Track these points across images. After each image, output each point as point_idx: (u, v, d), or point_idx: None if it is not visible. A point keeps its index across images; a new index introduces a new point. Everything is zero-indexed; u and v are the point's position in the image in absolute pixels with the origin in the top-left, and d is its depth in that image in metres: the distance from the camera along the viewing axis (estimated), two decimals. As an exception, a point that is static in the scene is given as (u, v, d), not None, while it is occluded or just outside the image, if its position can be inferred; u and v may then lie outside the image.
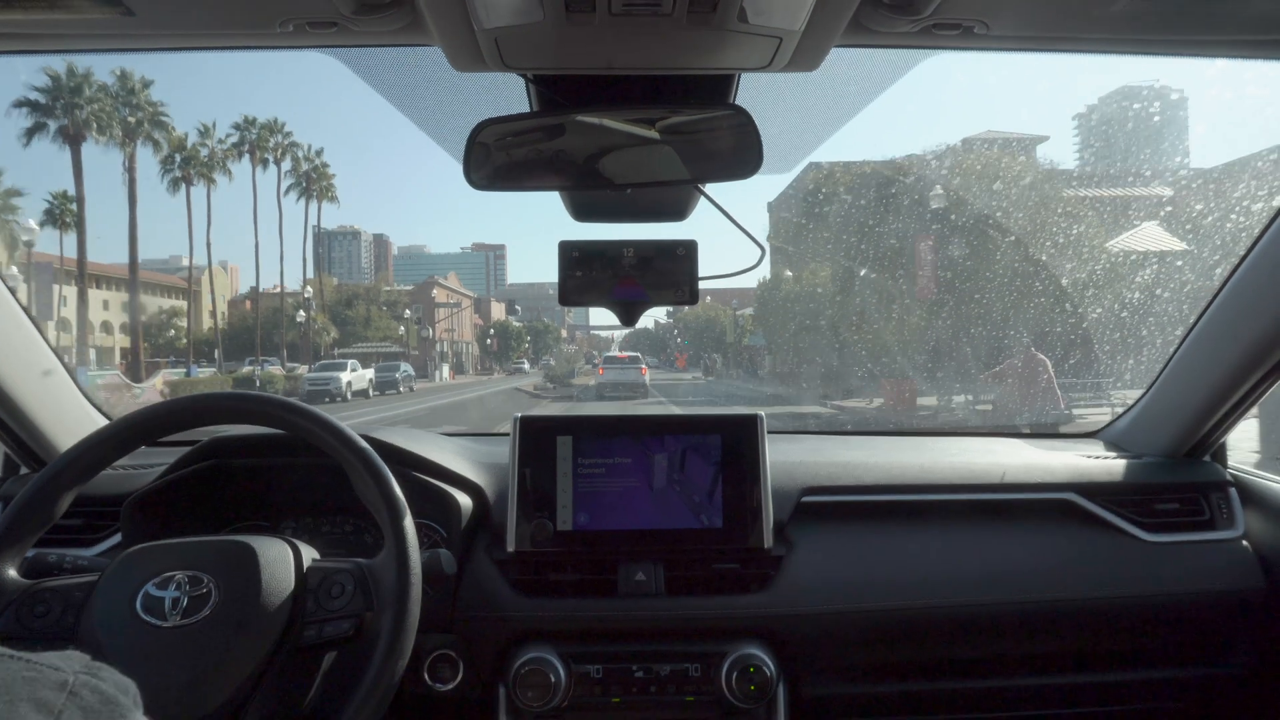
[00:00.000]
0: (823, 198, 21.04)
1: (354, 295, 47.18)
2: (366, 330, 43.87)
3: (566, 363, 36.42)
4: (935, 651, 1.30)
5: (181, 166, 36.67)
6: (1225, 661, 1.35)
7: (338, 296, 46.51)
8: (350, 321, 44.02)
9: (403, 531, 0.95)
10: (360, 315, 44.42)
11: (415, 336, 45.15)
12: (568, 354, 41.46)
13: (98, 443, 0.97)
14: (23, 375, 1.32)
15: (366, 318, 44.56)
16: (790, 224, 24.98)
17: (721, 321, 44.03)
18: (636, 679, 1.20)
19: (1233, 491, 1.42)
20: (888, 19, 0.83)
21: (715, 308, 45.81)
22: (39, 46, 0.93)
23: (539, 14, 0.77)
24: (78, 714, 0.42)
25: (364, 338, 43.27)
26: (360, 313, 44.67)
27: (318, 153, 44.31)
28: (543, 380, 33.18)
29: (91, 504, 1.27)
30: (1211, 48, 0.96)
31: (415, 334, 45.30)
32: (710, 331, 44.83)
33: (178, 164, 36.39)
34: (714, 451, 1.30)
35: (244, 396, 1.02)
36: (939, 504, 1.38)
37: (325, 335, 40.57)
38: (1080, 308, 12.67)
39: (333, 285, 48.29)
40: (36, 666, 0.43)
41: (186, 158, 36.78)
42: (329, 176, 44.20)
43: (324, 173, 43.98)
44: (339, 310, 44.62)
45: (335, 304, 44.98)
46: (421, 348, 45.75)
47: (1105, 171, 25.64)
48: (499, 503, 1.31)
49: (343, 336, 42.73)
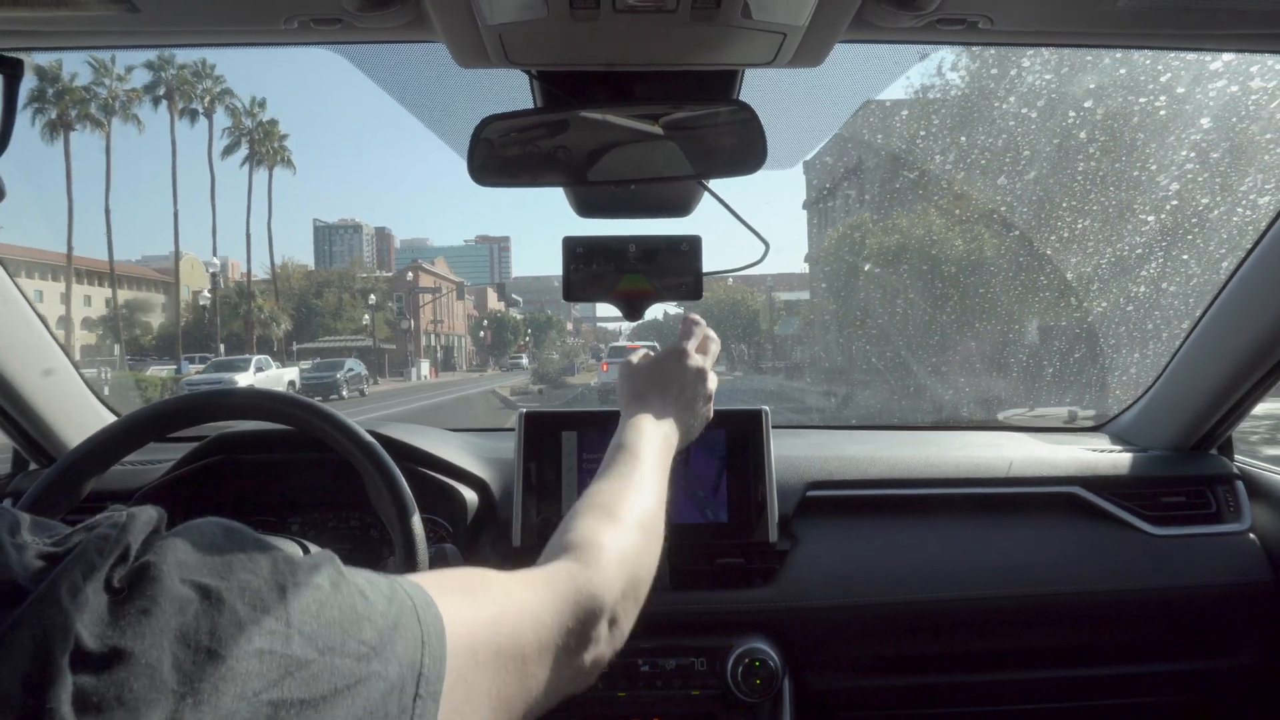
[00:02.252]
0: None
1: (325, 282, 42.16)
2: (337, 322, 39.54)
3: (565, 357, 31.42)
4: (940, 645, 1.30)
5: (56, 102, 29.32)
6: (1232, 654, 1.35)
7: (307, 284, 41.69)
8: (319, 312, 39.64)
9: (410, 530, 0.95)
10: (330, 304, 39.89)
11: (382, 326, 40.16)
12: (568, 347, 37.11)
13: (109, 436, 0.98)
14: (32, 372, 1.32)
15: (337, 307, 40.01)
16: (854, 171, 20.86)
17: (750, 306, 38.88)
18: (642, 673, 1.21)
19: (1239, 485, 1.42)
20: (892, 14, 0.83)
21: (742, 290, 40.48)
22: (43, 43, 0.94)
23: (543, 10, 0.77)
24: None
25: (333, 330, 39.24)
26: (330, 302, 40.09)
27: (260, 104, 37.86)
28: (530, 379, 28.22)
29: (100, 499, 1.28)
30: (1216, 42, 0.96)
31: (382, 323, 40.29)
32: (734, 319, 39.05)
33: (50, 97, 28.99)
34: (719, 446, 1.30)
35: (252, 392, 1.02)
36: (944, 498, 1.38)
37: (275, 327, 35.38)
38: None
39: (302, 272, 43.05)
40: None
41: (61, 91, 29.59)
42: (278, 135, 37.71)
43: (273, 131, 37.51)
44: (307, 299, 39.94)
45: (304, 291, 40.37)
46: (399, 340, 40.90)
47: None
48: (504, 498, 1.31)
49: (311, 328, 38.20)
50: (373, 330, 37.24)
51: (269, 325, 35.47)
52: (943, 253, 14.76)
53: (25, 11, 0.81)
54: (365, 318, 38.98)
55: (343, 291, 41.35)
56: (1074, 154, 9.51)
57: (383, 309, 40.77)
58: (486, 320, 59.75)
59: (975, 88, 14.62)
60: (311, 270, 44.08)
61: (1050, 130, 10.50)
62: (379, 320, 39.92)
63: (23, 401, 1.32)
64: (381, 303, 41.95)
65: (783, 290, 36.14)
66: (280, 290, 38.95)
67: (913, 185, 17.64)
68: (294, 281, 41.04)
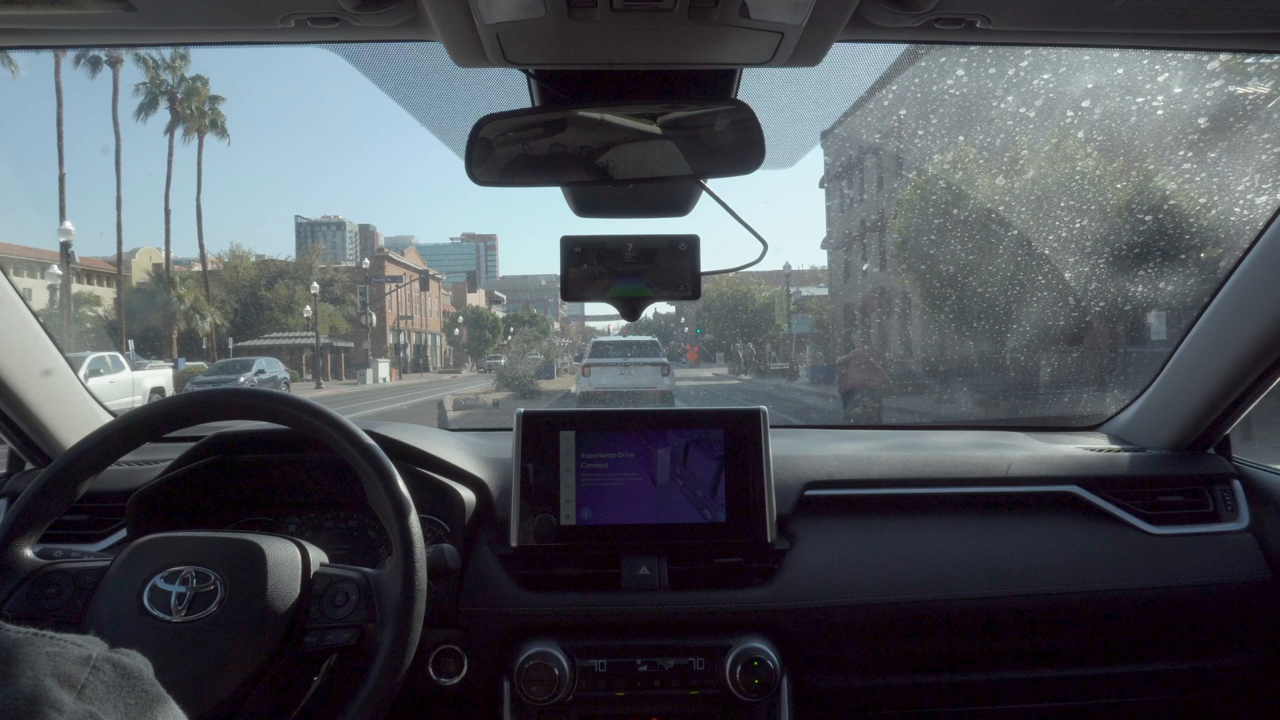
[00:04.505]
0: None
1: (279, 274, 35.75)
2: (289, 317, 33.68)
3: (546, 356, 27.45)
4: (939, 645, 1.30)
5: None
6: (1230, 653, 1.35)
7: (258, 274, 35.46)
8: (268, 305, 33.85)
9: (408, 531, 0.95)
10: (281, 298, 33.89)
11: (341, 320, 34.96)
12: (548, 347, 32.23)
13: (106, 436, 0.98)
14: (28, 372, 1.32)
15: (290, 301, 33.93)
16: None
17: (756, 299, 34.52)
18: (641, 673, 1.21)
19: (1237, 484, 1.42)
20: (889, 13, 0.83)
21: (747, 282, 35.79)
22: (40, 42, 0.94)
23: (540, 9, 0.77)
24: (100, 688, 0.42)
25: (284, 325, 33.64)
26: (282, 294, 34.03)
27: (183, 57, 30.50)
28: (494, 384, 22.75)
29: (97, 499, 1.28)
30: (1212, 41, 0.96)
31: (340, 318, 35.06)
32: (739, 314, 35.00)
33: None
34: (717, 446, 1.30)
35: (249, 393, 1.02)
36: (942, 497, 1.38)
37: (199, 320, 29.90)
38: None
39: (249, 260, 36.71)
40: (60, 642, 0.43)
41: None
42: (206, 95, 31.26)
43: (199, 90, 31.18)
44: (257, 291, 34.11)
45: (255, 282, 34.85)
46: (357, 338, 36.16)
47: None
48: (502, 498, 1.31)
49: (260, 323, 33.33)
50: (315, 324, 30.76)
51: (192, 318, 30.09)
52: (1098, 201, 10.21)
53: (21, 9, 0.81)
54: (307, 310, 31.96)
55: (297, 283, 35.57)
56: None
57: (345, 302, 37.22)
58: (462, 317, 54.02)
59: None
60: (267, 259, 38.33)
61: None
62: (336, 316, 35.28)
63: (19, 401, 1.32)
64: (342, 295, 37.61)
65: (804, 283, 33.89)
66: (227, 281, 34.68)
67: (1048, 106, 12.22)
68: (243, 272, 35.64)
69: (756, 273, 36.25)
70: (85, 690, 0.41)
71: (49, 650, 0.42)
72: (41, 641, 0.43)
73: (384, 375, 32.40)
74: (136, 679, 0.45)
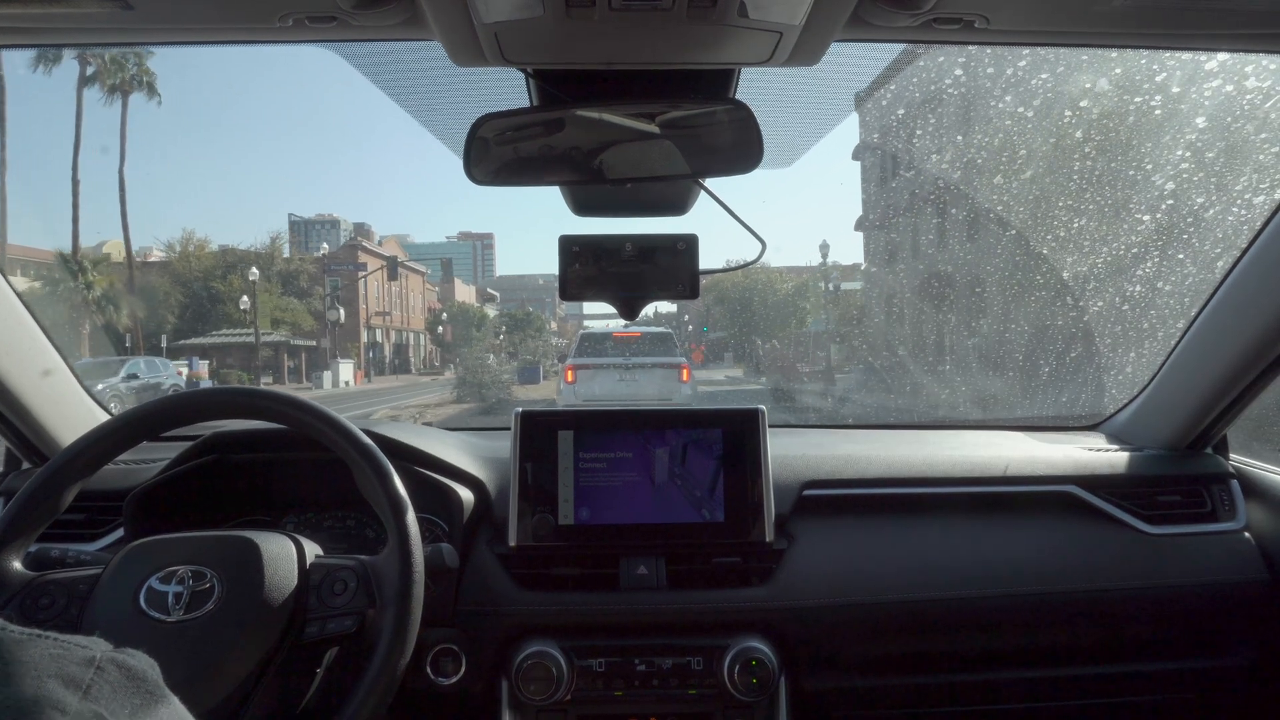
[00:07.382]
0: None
1: (235, 264, 31.55)
2: (241, 312, 29.62)
3: (531, 357, 24.62)
4: (937, 645, 1.31)
5: None
6: (1227, 653, 1.36)
7: (214, 263, 31.84)
8: (220, 299, 30.35)
9: (405, 527, 0.95)
10: (236, 290, 29.96)
11: (264, 313, 29.66)
12: (536, 347, 30.08)
13: (101, 437, 0.98)
14: (25, 371, 1.32)
15: (244, 293, 29.35)
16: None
17: (777, 289, 30.40)
18: (639, 672, 1.21)
19: (1234, 484, 1.42)
20: (888, 13, 0.83)
21: (767, 270, 31.26)
22: (37, 40, 0.93)
23: (539, 9, 0.77)
24: (105, 689, 0.42)
25: (237, 320, 30.06)
26: (236, 286, 30.04)
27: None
28: (450, 395, 19.64)
29: (94, 499, 1.28)
30: (1211, 41, 0.96)
31: (268, 309, 30.33)
32: (757, 307, 30.55)
33: None
34: (715, 446, 1.30)
35: (246, 391, 1.02)
36: (940, 497, 1.38)
37: (114, 312, 25.34)
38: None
39: (205, 249, 32.76)
40: (63, 644, 0.43)
41: None
42: (134, 52, 26.27)
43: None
44: (210, 283, 30.66)
45: (209, 274, 31.49)
46: (319, 335, 32.69)
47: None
48: (500, 497, 1.31)
49: (212, 317, 30.28)
50: (255, 318, 27.54)
51: (107, 310, 25.33)
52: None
53: (19, 8, 0.81)
54: (244, 300, 28.09)
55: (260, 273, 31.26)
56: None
57: (313, 295, 34.23)
58: (446, 314, 49.55)
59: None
60: (229, 248, 33.62)
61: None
62: (299, 311, 31.95)
63: (16, 400, 1.32)
64: (309, 287, 34.32)
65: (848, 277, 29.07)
66: (177, 271, 31.24)
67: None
68: (195, 262, 31.98)
69: (773, 266, 33.17)
70: (90, 691, 0.41)
71: (52, 652, 0.42)
72: (44, 643, 0.43)
73: (347, 378, 28.89)
74: (141, 679, 0.45)
